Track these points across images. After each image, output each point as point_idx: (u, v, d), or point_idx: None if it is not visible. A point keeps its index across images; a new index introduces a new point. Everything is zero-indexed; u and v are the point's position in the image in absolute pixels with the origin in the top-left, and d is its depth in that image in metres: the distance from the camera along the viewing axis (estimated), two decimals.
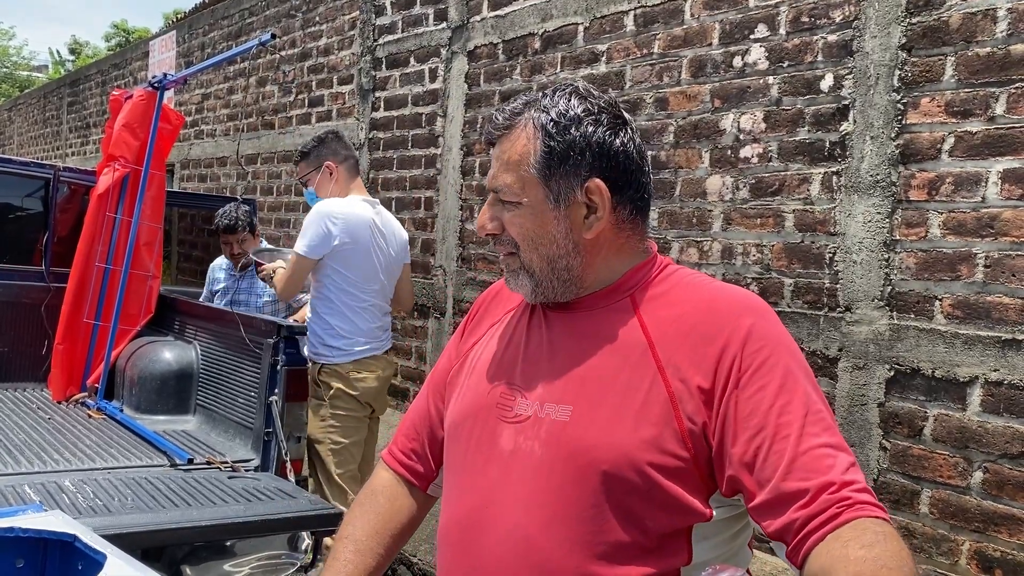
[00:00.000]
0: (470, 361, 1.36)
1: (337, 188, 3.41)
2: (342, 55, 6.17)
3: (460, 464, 1.27)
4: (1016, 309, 2.67)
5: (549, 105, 1.22)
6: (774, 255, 3.37)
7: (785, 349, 1.13)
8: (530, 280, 1.24)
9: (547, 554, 1.12)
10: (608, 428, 1.12)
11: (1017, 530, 2.65)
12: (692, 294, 1.21)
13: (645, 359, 1.15)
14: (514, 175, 1.21)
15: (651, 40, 3.88)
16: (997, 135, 2.73)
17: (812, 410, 1.07)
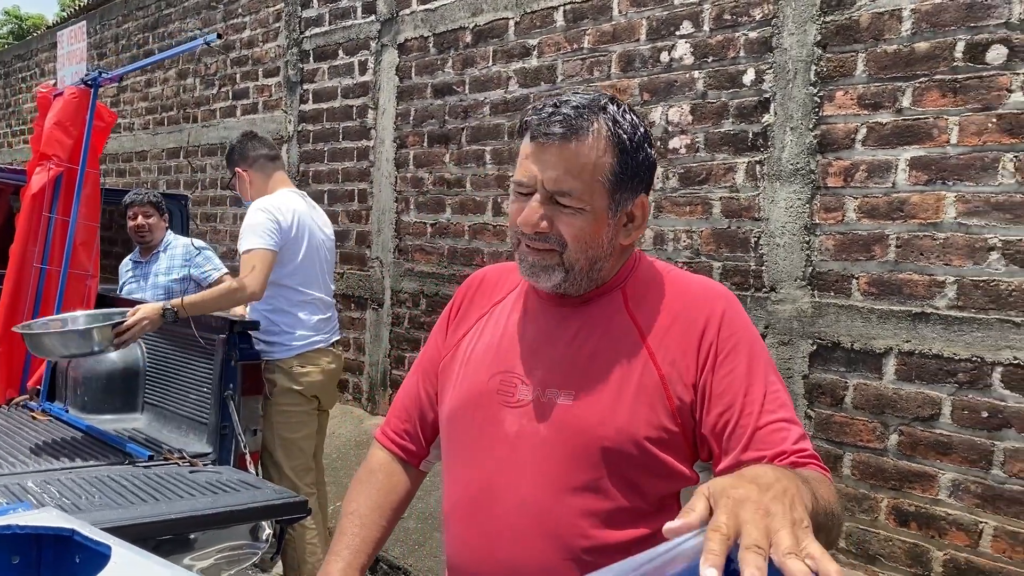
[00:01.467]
0: (463, 351, 1.45)
1: (256, 189, 3.39)
2: (267, 47, 6.13)
3: (464, 446, 1.38)
4: (925, 285, 2.92)
5: (620, 120, 1.27)
6: (703, 240, 3.57)
7: (749, 335, 1.31)
8: (564, 276, 1.30)
9: (559, 521, 1.26)
10: (609, 409, 1.26)
11: (929, 486, 2.92)
12: (670, 286, 1.36)
13: (636, 346, 1.30)
14: (584, 183, 1.25)
15: (581, 35, 4.03)
16: (904, 126, 2.97)
17: (770, 390, 1.25)
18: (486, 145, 4.48)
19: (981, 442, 2.80)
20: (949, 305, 2.86)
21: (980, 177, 2.80)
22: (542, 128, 1.25)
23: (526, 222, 1.26)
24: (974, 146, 2.81)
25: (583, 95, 1.29)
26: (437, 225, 4.77)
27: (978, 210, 2.80)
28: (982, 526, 2.80)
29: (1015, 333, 2.72)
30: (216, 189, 6.62)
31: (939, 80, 2.89)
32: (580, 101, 1.26)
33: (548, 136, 1.24)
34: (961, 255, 2.84)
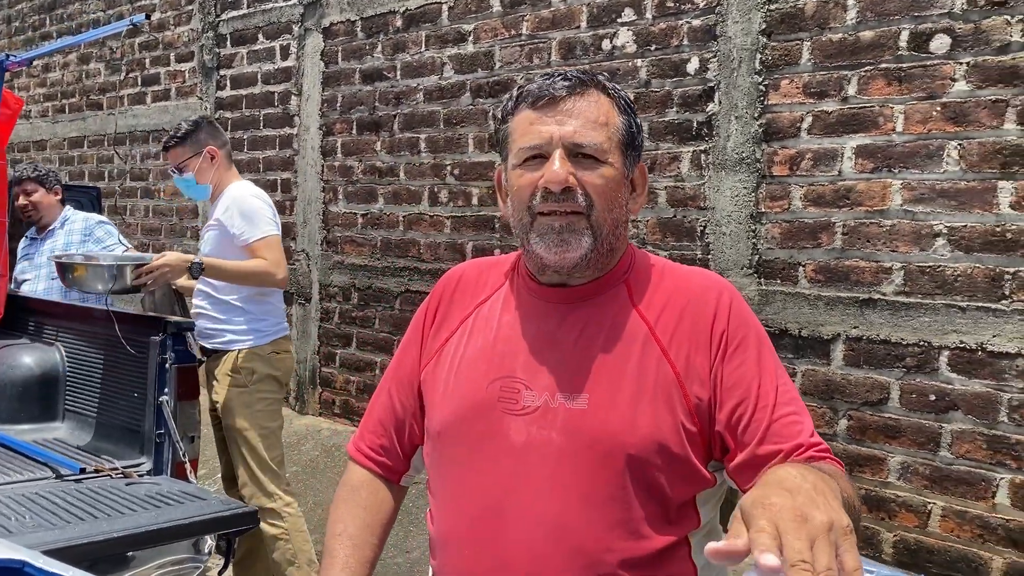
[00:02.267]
0: (449, 357, 1.35)
1: (219, 174, 3.31)
2: (179, 31, 5.84)
3: (461, 462, 1.27)
4: (871, 271, 2.97)
5: (612, 86, 1.26)
6: (649, 230, 3.55)
7: (756, 326, 1.27)
8: (592, 241, 1.22)
9: (581, 536, 1.17)
10: (628, 413, 1.19)
11: (878, 468, 2.97)
12: (670, 279, 1.30)
13: (649, 344, 1.23)
14: (604, 135, 1.22)
15: (519, 21, 3.95)
16: (850, 114, 3.01)
17: (781, 382, 1.22)
18: (420, 133, 4.35)
19: (929, 425, 2.86)
20: (896, 291, 2.91)
21: (925, 165, 2.85)
22: (547, 90, 1.21)
23: (555, 179, 1.19)
24: (919, 134, 2.86)
25: (577, 71, 1.27)
26: (369, 216, 4.63)
27: (924, 197, 2.85)
28: (930, 507, 2.87)
29: (961, 317, 2.78)
30: (127, 180, 6.28)
31: (884, 69, 2.92)
32: (569, 71, 1.25)
33: (556, 92, 1.21)
34: (907, 242, 2.89)
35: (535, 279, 1.31)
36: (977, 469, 2.78)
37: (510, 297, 1.34)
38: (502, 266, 1.41)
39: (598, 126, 1.21)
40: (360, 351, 4.66)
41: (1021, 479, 2.69)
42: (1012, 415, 2.70)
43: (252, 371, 3.20)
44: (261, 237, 3.14)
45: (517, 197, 1.25)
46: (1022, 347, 2.67)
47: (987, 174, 2.74)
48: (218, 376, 3.22)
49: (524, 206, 1.23)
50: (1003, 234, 2.71)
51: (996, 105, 2.71)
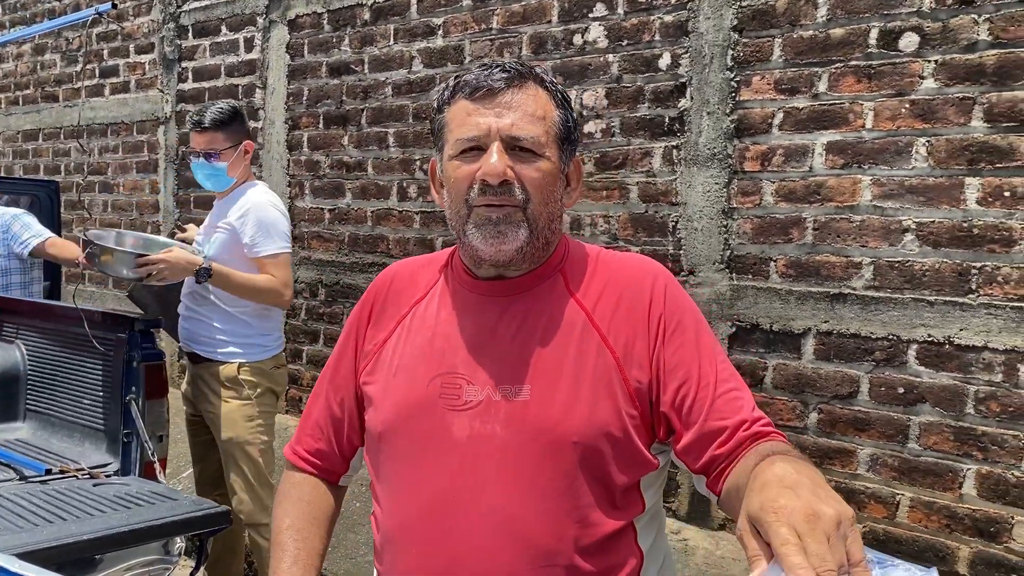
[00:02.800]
0: (387, 357, 1.34)
1: (245, 171, 3.19)
2: (139, 22, 5.71)
3: (406, 459, 1.27)
4: (842, 266, 3.00)
5: (548, 78, 1.27)
6: (620, 225, 3.55)
7: (692, 307, 1.31)
8: (528, 235, 1.23)
9: (531, 527, 1.18)
10: (570, 402, 1.20)
11: (848, 461, 3.01)
12: (605, 266, 1.32)
13: (587, 332, 1.24)
14: (541, 129, 1.22)
15: (489, 15, 3.92)
16: (821, 110, 3.04)
17: (720, 360, 1.26)
18: (389, 127, 4.31)
19: (897, 417, 2.90)
20: (866, 286, 2.95)
21: (895, 161, 2.89)
22: (484, 80, 1.22)
23: (492, 172, 1.19)
24: (888, 131, 2.90)
25: (516, 63, 1.27)
26: (336, 211, 4.57)
27: (893, 193, 2.89)
28: (899, 498, 2.91)
29: (929, 311, 2.83)
30: (83, 174, 6.14)
31: (854, 66, 2.96)
32: (507, 63, 1.25)
33: (494, 84, 1.21)
34: (877, 237, 2.93)
35: (471, 273, 1.31)
36: (944, 460, 2.83)
37: (446, 293, 1.34)
38: (435, 263, 1.41)
39: (536, 119, 1.22)
40: (327, 348, 4.61)
41: (987, 470, 2.75)
42: (978, 407, 2.76)
43: (256, 385, 3.11)
44: (274, 253, 3.03)
45: (454, 189, 1.25)
46: (988, 340, 2.73)
47: (954, 170, 2.78)
48: (211, 386, 3.10)
49: (461, 198, 1.24)
50: (970, 230, 2.76)
51: (963, 103, 2.76)
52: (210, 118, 3.06)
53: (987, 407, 2.74)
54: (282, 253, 3.05)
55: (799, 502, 0.83)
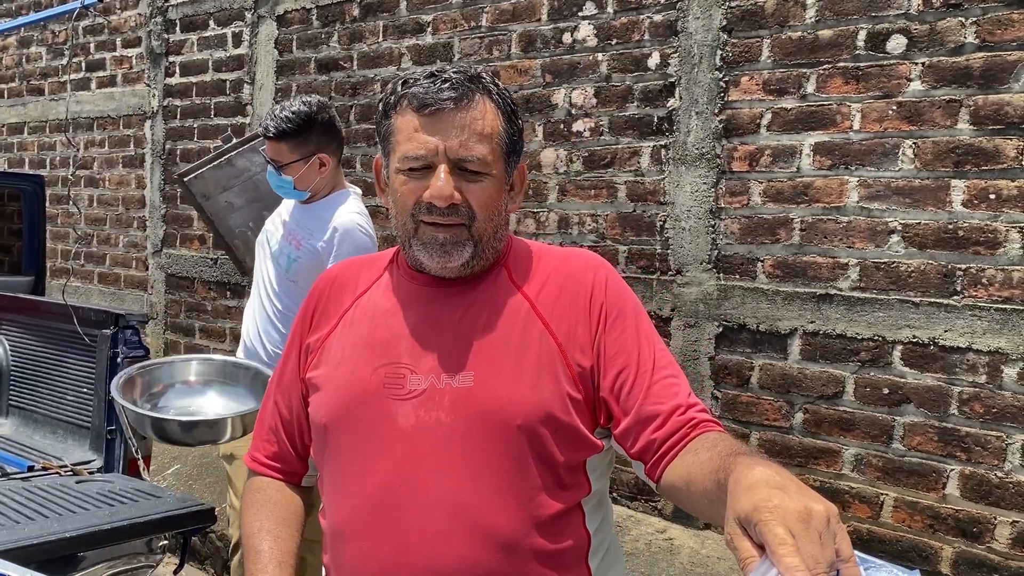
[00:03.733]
0: (330, 352, 1.35)
1: (323, 182, 2.65)
2: (126, 15, 5.67)
3: (351, 452, 1.27)
4: (828, 267, 3.01)
5: (497, 89, 1.27)
6: (608, 224, 3.55)
7: (632, 298, 1.34)
8: (472, 250, 1.26)
9: (481, 512, 1.19)
10: (513, 386, 1.22)
11: (833, 461, 3.02)
12: (548, 260, 1.36)
13: (530, 319, 1.27)
14: (488, 147, 1.23)
15: (479, 13, 3.92)
16: (809, 112, 3.05)
17: (657, 348, 1.29)
18: None
19: (882, 418, 2.92)
20: (852, 286, 2.96)
21: (881, 162, 2.90)
22: (432, 96, 1.20)
23: (440, 195, 1.20)
24: (875, 132, 2.91)
25: (451, 66, 1.26)
26: None
27: (879, 194, 2.90)
28: (883, 498, 2.93)
29: (914, 312, 2.84)
30: (69, 168, 6.10)
31: (842, 67, 2.97)
32: (456, 70, 1.24)
33: (442, 103, 1.20)
34: (863, 238, 2.94)
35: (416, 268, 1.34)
36: (928, 461, 2.84)
37: (390, 286, 1.36)
38: (379, 261, 1.43)
39: (483, 138, 1.22)
40: None
41: (970, 471, 2.76)
42: (962, 408, 2.77)
43: None
44: None
45: (400, 203, 1.26)
46: (972, 342, 2.74)
47: (940, 172, 2.80)
48: None
49: (407, 212, 1.25)
50: (955, 231, 2.77)
51: (950, 105, 2.77)
52: (275, 126, 2.57)
53: (971, 408, 2.76)
54: None
55: (792, 502, 0.83)
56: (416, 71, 1.26)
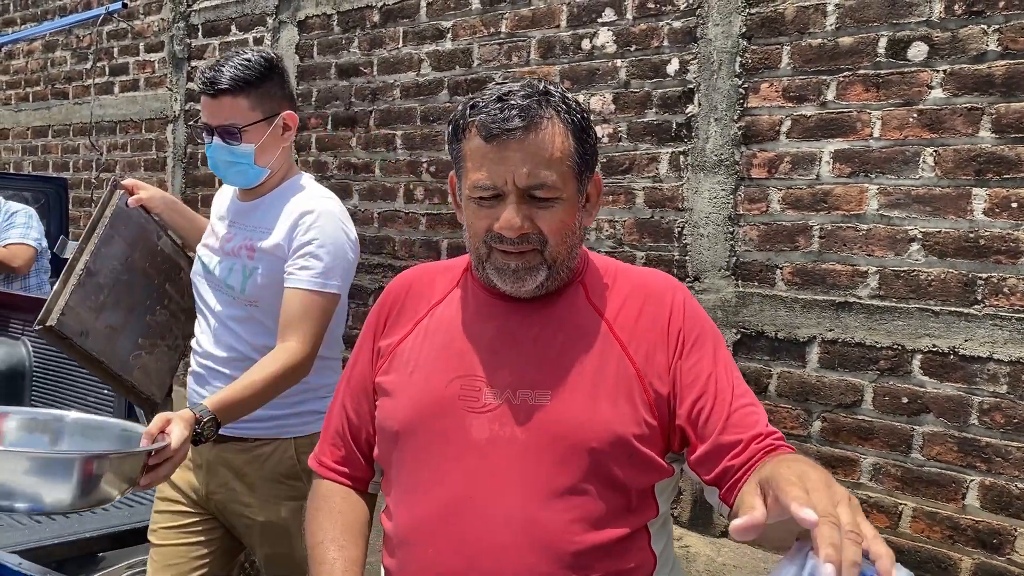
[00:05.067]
0: (403, 358, 1.34)
1: (284, 156, 2.04)
2: (149, 20, 5.74)
3: (423, 460, 1.27)
4: (847, 275, 3.00)
5: (568, 105, 1.25)
6: (626, 230, 3.55)
7: (709, 323, 1.32)
8: (547, 273, 1.25)
9: (549, 531, 1.19)
10: (589, 408, 1.21)
11: (851, 470, 3.01)
12: (624, 279, 1.34)
13: (608, 341, 1.26)
14: (556, 172, 1.21)
15: (498, 19, 3.93)
16: (829, 119, 3.03)
17: (735, 375, 1.28)
18: (397, 129, 4.32)
19: (901, 427, 2.90)
20: (871, 294, 2.95)
21: (901, 170, 2.88)
22: (500, 125, 1.19)
23: (509, 226, 1.20)
24: (896, 140, 2.89)
25: (519, 85, 1.23)
26: None
27: (899, 202, 2.89)
28: (901, 508, 2.91)
29: (934, 321, 2.82)
30: (92, 170, 6.16)
31: (862, 75, 2.95)
32: (525, 91, 1.22)
33: (510, 132, 1.19)
34: (883, 246, 2.92)
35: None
36: (948, 471, 2.82)
37: (467, 297, 1.35)
38: (454, 270, 1.42)
39: (551, 164, 1.21)
40: None
41: (990, 481, 2.74)
42: (982, 418, 2.75)
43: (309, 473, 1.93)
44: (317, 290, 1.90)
45: (472, 229, 1.26)
46: (993, 351, 2.72)
47: (961, 181, 2.78)
48: (249, 481, 1.98)
49: (480, 238, 1.25)
50: (976, 240, 2.75)
51: (972, 113, 2.75)
52: (230, 75, 1.91)
53: (991, 418, 2.73)
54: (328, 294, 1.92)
55: (814, 472, 0.88)
56: (485, 92, 1.22)
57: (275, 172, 2.01)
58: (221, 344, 2.01)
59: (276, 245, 1.93)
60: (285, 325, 1.89)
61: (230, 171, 1.98)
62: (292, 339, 1.86)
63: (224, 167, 1.97)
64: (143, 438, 1.46)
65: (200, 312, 2.09)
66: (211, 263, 2.05)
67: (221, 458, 2.00)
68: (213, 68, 1.94)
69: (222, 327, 2.01)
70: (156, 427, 1.49)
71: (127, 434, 1.51)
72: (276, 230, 1.94)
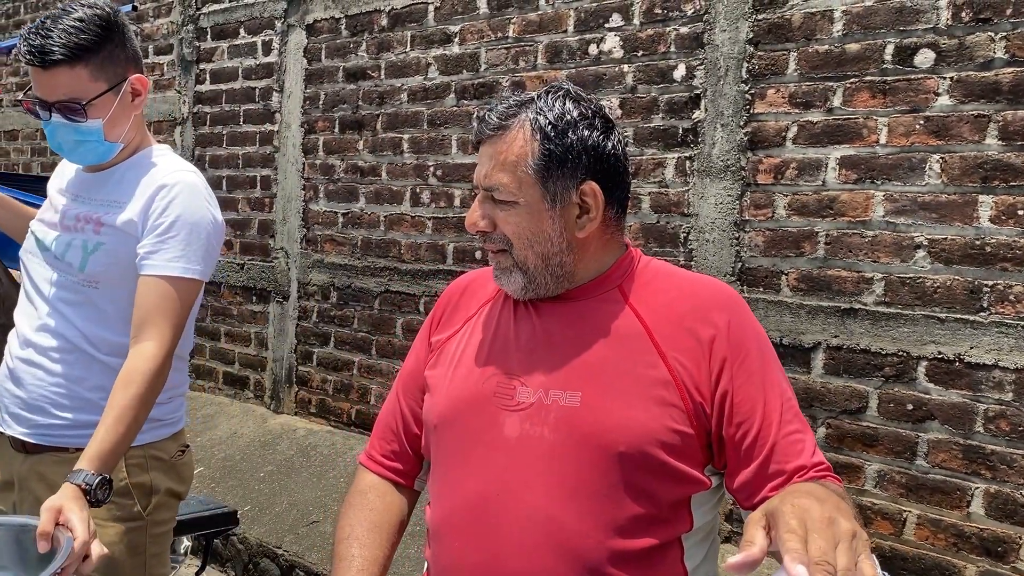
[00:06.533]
0: (450, 354, 1.38)
1: (136, 125, 1.83)
2: (159, 23, 5.77)
3: (457, 453, 1.29)
4: (853, 281, 3.00)
5: (545, 108, 1.26)
6: (632, 235, 3.56)
7: (759, 340, 1.28)
8: (523, 277, 1.28)
9: (570, 532, 1.19)
10: (621, 411, 1.20)
11: (856, 476, 3.00)
12: (674, 284, 1.32)
13: (645, 345, 1.24)
14: (511, 175, 1.24)
15: (505, 24, 3.94)
16: (835, 125, 3.04)
17: (785, 398, 1.24)
18: (404, 133, 4.34)
19: (906, 434, 2.89)
20: (877, 301, 2.95)
21: (908, 177, 2.88)
22: (481, 127, 1.27)
23: (468, 222, 1.28)
24: (902, 146, 2.89)
25: (516, 93, 1.32)
26: (350, 215, 4.60)
27: (905, 209, 2.89)
28: (906, 515, 2.90)
29: (939, 328, 2.82)
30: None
31: (869, 81, 2.96)
32: (518, 98, 1.28)
33: (484, 134, 1.27)
34: (889, 252, 2.92)
35: None
36: (952, 478, 2.81)
37: (510, 300, 1.37)
38: None
39: (506, 167, 1.24)
40: (338, 350, 4.63)
41: (995, 489, 2.73)
42: (988, 426, 2.74)
43: (150, 489, 1.81)
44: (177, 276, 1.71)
45: None
46: (999, 359, 2.71)
47: (968, 188, 2.78)
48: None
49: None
50: (982, 247, 2.75)
51: (978, 120, 2.75)
52: (63, 41, 1.64)
53: (997, 426, 2.73)
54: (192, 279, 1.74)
55: (821, 509, 0.84)
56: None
57: (127, 143, 1.82)
58: (47, 330, 1.77)
59: (128, 221, 1.73)
60: (140, 321, 1.67)
61: (78, 151, 1.77)
62: (147, 339, 1.65)
63: (70, 147, 1.75)
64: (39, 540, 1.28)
65: (26, 297, 1.84)
66: (46, 238, 1.82)
67: (35, 472, 1.76)
68: (39, 32, 1.66)
69: (52, 311, 1.78)
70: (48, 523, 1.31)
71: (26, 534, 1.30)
72: (130, 205, 1.74)
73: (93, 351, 1.75)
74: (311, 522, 3.83)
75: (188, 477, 1.93)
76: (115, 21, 1.71)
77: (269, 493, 4.11)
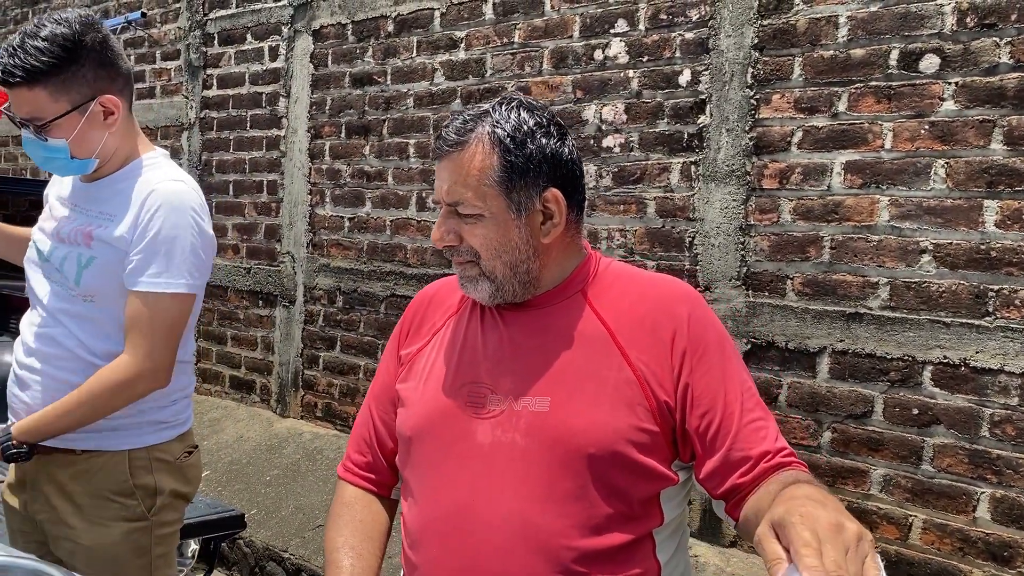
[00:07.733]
0: (420, 366, 1.40)
1: (115, 140, 1.80)
2: (166, 28, 5.80)
3: (432, 463, 1.32)
4: (858, 285, 3.00)
5: (502, 119, 1.28)
6: (637, 239, 3.57)
7: (718, 334, 1.31)
8: (490, 285, 1.30)
9: (545, 534, 1.22)
10: (589, 414, 1.24)
11: (861, 481, 3.00)
12: (635, 286, 1.35)
13: (609, 347, 1.28)
14: (474, 189, 1.26)
15: (511, 29, 3.96)
16: (840, 130, 3.04)
17: (745, 388, 1.27)
18: (409, 138, 4.35)
19: (911, 438, 2.89)
20: (882, 306, 2.95)
21: (913, 182, 2.89)
22: (440, 143, 1.29)
23: (433, 238, 1.31)
24: (907, 151, 2.90)
25: (477, 106, 1.31)
26: (356, 219, 4.62)
27: (911, 214, 2.89)
28: (912, 519, 2.90)
29: (945, 333, 2.82)
30: None
31: (874, 86, 2.96)
32: (473, 112, 1.29)
33: (440, 150, 1.29)
34: (894, 257, 2.92)
35: None
36: (958, 483, 2.81)
37: (476, 308, 1.40)
38: None
39: (469, 181, 1.26)
40: (344, 354, 4.65)
41: (1001, 493, 2.73)
42: (993, 430, 2.74)
43: (155, 491, 1.84)
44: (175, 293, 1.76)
45: None
46: (1004, 363, 2.72)
47: (973, 192, 2.78)
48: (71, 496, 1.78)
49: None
50: (988, 252, 2.75)
51: (983, 125, 2.76)
52: (22, 64, 1.65)
53: (1002, 430, 2.73)
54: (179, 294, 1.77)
55: (826, 514, 0.87)
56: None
57: (115, 154, 1.81)
58: (49, 339, 1.78)
59: (119, 237, 1.74)
60: (127, 332, 1.73)
61: (50, 164, 1.78)
62: (125, 352, 1.71)
63: (41, 161, 1.77)
64: None
65: (32, 305, 1.87)
66: (45, 248, 1.84)
67: (45, 472, 1.80)
68: (9, 52, 1.68)
69: (53, 320, 1.79)
70: None
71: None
72: (120, 219, 1.75)
73: (94, 359, 1.77)
74: (317, 526, 3.84)
75: (195, 479, 1.95)
76: (81, 42, 1.69)
77: (275, 497, 4.13)
